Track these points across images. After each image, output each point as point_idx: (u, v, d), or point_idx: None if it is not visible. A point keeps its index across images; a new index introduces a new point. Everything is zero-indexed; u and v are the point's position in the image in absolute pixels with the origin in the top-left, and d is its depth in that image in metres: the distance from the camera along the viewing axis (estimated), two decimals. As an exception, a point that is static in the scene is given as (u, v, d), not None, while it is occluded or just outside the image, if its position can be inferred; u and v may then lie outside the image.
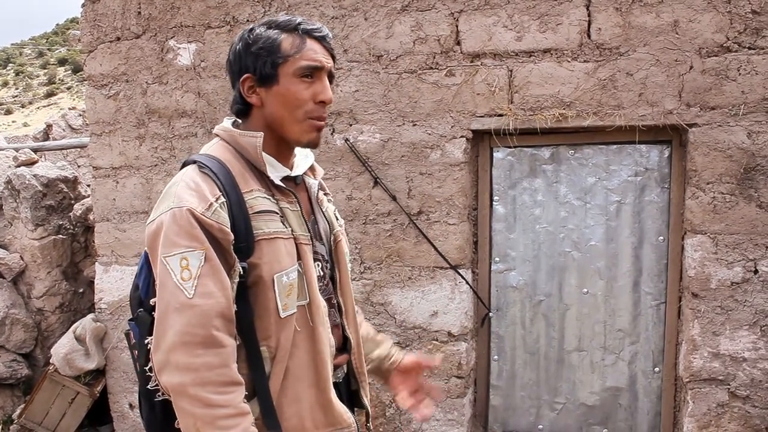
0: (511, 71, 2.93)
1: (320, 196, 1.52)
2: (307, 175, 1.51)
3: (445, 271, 3.09)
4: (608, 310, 3.08)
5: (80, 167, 6.94)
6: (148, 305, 1.35)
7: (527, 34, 2.89)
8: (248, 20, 3.27)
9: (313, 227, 1.45)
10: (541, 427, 3.24)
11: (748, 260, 2.71)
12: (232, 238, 1.26)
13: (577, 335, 3.14)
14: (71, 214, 4.29)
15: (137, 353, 1.37)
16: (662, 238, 2.98)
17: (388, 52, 3.08)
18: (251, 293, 1.30)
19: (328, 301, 1.45)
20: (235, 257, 1.27)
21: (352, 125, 3.17)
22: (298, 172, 1.46)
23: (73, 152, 7.18)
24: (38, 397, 3.75)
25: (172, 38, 3.45)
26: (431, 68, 3.03)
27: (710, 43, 2.68)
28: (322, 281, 1.44)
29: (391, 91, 3.09)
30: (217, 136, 1.44)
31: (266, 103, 1.37)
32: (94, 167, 3.72)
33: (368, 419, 1.62)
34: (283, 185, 1.39)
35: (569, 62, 2.85)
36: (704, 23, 2.67)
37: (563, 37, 2.84)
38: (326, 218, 1.52)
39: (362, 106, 3.14)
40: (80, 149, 6.65)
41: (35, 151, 5.17)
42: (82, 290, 4.36)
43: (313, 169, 1.54)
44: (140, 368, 1.36)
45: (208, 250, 1.23)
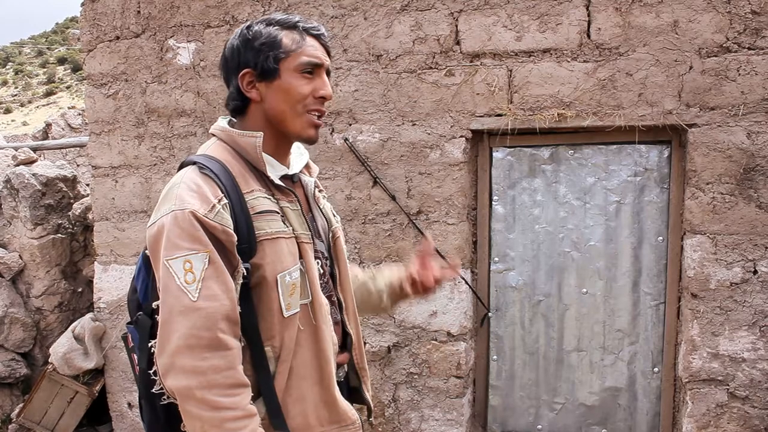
0: (510, 71, 2.93)
1: (316, 193, 1.52)
2: (302, 173, 1.51)
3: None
4: (607, 310, 3.08)
5: (79, 166, 6.94)
6: (147, 308, 1.34)
7: (527, 34, 2.89)
8: (248, 19, 3.25)
9: (312, 225, 1.45)
10: (540, 427, 3.24)
11: (747, 261, 2.71)
12: (235, 239, 1.26)
13: (576, 335, 3.14)
14: (70, 213, 4.28)
15: (137, 357, 1.36)
16: (661, 238, 2.98)
17: (387, 51, 3.08)
18: (254, 294, 1.30)
19: (328, 298, 1.45)
20: (238, 258, 1.26)
21: (351, 125, 3.16)
22: (294, 170, 1.46)
23: (72, 151, 7.18)
24: (37, 396, 3.74)
25: (171, 37, 3.45)
26: (431, 68, 3.02)
27: (710, 43, 2.68)
28: (322, 278, 1.44)
29: (390, 90, 3.09)
30: (213, 136, 1.43)
31: (266, 98, 1.37)
32: (93, 166, 3.72)
33: (370, 414, 1.62)
34: (282, 184, 1.39)
35: (569, 62, 2.84)
36: (704, 23, 2.67)
37: (563, 37, 2.84)
38: (324, 215, 1.52)
39: (362, 105, 3.14)
40: (79, 148, 6.65)
41: (34, 150, 5.16)
42: (81, 289, 4.36)
43: (308, 166, 1.54)
44: (141, 371, 1.35)
45: (211, 252, 1.22)
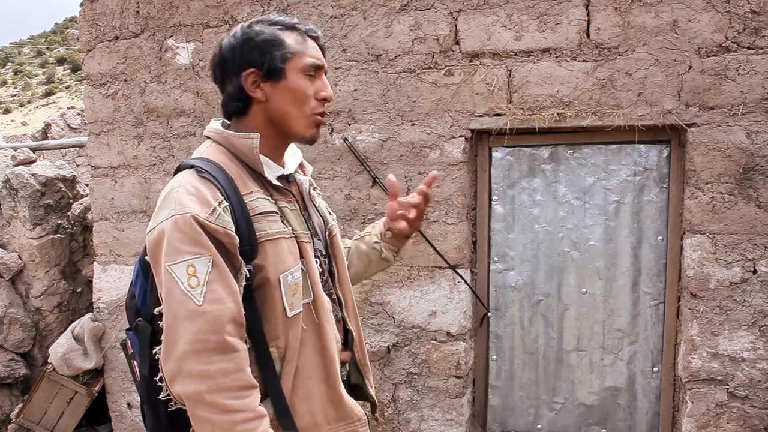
0: (510, 71, 2.93)
1: (311, 192, 1.53)
2: (297, 172, 1.51)
3: (443, 270, 3.09)
4: (607, 310, 3.08)
5: (79, 166, 6.94)
6: (147, 314, 1.34)
7: (526, 33, 2.88)
8: (247, 19, 3.26)
9: (309, 224, 1.46)
10: (539, 427, 3.24)
11: (746, 260, 2.71)
12: (237, 241, 1.26)
13: (575, 335, 3.14)
14: (69, 213, 4.28)
15: (138, 363, 1.36)
16: (661, 238, 2.98)
17: (386, 51, 3.08)
18: (257, 295, 1.30)
19: (328, 296, 1.45)
20: (241, 261, 1.26)
21: (350, 125, 3.16)
22: (290, 170, 1.47)
23: (71, 151, 7.18)
24: (36, 396, 3.74)
25: (170, 37, 3.44)
26: (430, 68, 3.02)
27: (709, 42, 2.68)
28: (321, 277, 1.44)
29: (389, 90, 3.09)
30: (208, 138, 1.42)
31: (271, 98, 1.37)
32: (92, 166, 3.71)
33: (374, 409, 1.62)
34: (280, 185, 1.39)
35: (568, 62, 2.84)
36: (703, 23, 2.67)
37: (562, 36, 2.84)
38: (319, 213, 1.53)
39: (361, 105, 3.14)
40: (79, 148, 6.65)
41: (34, 150, 5.16)
42: (80, 290, 4.36)
43: (302, 165, 1.55)
44: (143, 378, 1.34)
45: (214, 255, 1.22)
